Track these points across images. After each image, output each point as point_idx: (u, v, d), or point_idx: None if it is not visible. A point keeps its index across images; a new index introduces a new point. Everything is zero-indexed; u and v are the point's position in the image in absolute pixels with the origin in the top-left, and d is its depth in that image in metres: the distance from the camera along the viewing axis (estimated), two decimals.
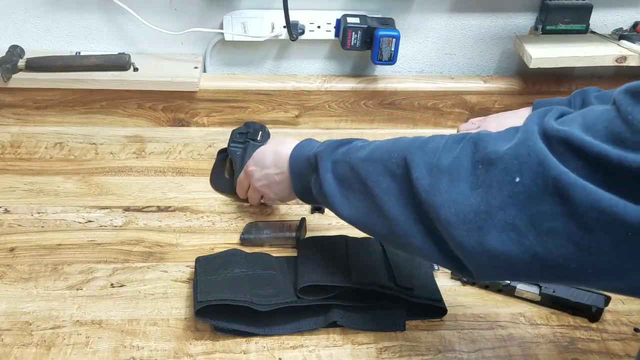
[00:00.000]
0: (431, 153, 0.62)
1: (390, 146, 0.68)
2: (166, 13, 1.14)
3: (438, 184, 0.59)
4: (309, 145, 0.82)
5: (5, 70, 1.08)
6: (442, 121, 1.23)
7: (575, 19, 1.16)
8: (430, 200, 0.59)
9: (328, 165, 0.74)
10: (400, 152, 0.66)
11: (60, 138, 1.15)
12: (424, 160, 0.62)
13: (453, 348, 0.79)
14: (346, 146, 0.75)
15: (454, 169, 0.59)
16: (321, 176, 0.74)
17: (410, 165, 0.63)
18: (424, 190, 0.60)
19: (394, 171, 0.65)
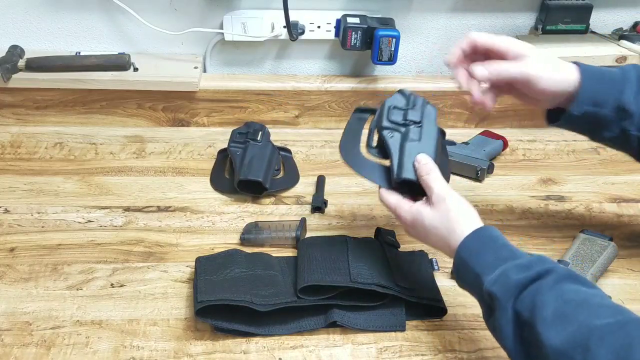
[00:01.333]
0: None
1: (580, 327, 0.59)
2: (166, 13, 1.14)
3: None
4: (478, 257, 0.70)
5: (5, 70, 1.08)
6: (442, 121, 1.23)
7: (575, 19, 1.16)
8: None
9: (509, 314, 0.64)
10: (585, 338, 0.57)
11: (60, 138, 1.15)
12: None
13: (453, 348, 0.79)
14: (530, 289, 0.64)
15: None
16: (501, 327, 0.65)
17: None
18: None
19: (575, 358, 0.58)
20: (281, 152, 1.12)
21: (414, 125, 0.82)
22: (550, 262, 0.67)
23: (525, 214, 1.02)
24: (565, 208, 1.04)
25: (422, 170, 0.79)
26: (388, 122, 0.83)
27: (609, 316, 0.59)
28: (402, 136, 0.82)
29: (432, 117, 0.84)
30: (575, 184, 1.09)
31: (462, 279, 0.73)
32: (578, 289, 0.63)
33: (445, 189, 0.77)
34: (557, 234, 0.98)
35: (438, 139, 0.83)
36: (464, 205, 0.76)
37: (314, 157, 1.14)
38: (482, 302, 0.69)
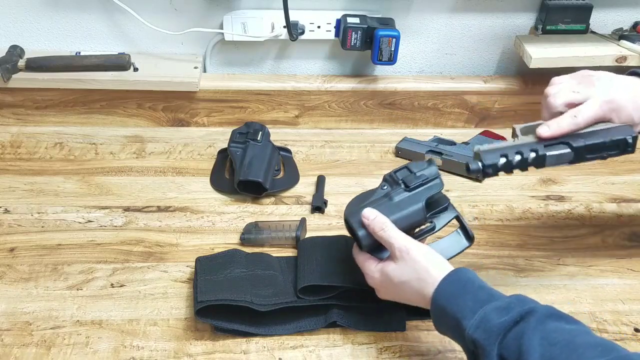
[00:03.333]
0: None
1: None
2: (166, 13, 1.14)
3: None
4: (457, 301, 0.68)
5: (5, 70, 1.08)
6: (442, 121, 1.23)
7: (575, 19, 1.16)
8: None
9: (494, 358, 0.63)
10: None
11: (60, 138, 1.15)
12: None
13: (453, 348, 0.79)
14: (514, 333, 0.63)
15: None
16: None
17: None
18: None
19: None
20: (281, 152, 1.12)
21: (403, 187, 0.79)
22: (530, 301, 0.67)
23: (525, 214, 1.02)
24: (565, 208, 1.04)
25: (375, 227, 0.75)
26: (389, 175, 0.82)
27: (598, 355, 0.58)
28: (387, 192, 0.80)
29: (430, 191, 0.79)
30: (575, 184, 1.09)
31: (442, 326, 0.71)
32: (561, 328, 0.62)
33: (406, 241, 0.74)
34: (557, 234, 0.98)
35: (417, 212, 0.78)
36: (430, 253, 0.74)
37: (314, 157, 1.14)
38: (465, 349, 0.68)
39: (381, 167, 1.11)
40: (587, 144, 0.77)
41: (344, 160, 1.13)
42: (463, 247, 0.80)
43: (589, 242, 0.97)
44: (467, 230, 0.80)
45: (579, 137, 0.77)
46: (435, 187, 0.79)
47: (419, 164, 0.81)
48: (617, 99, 0.76)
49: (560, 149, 0.77)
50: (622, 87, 0.77)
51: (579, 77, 0.80)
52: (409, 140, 1.16)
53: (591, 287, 0.89)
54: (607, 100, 0.76)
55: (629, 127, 0.78)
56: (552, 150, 0.77)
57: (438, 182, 0.79)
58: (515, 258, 0.93)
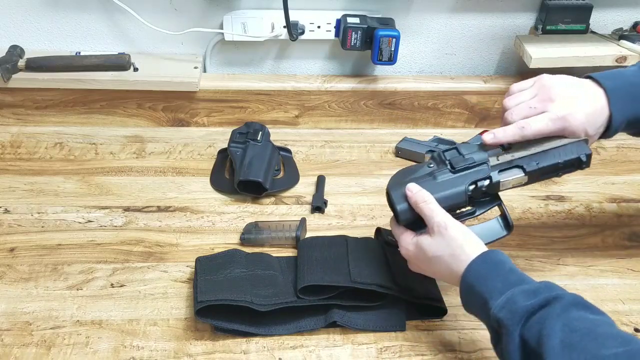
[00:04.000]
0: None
1: (588, 357, 0.59)
2: (166, 13, 1.14)
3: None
4: (486, 282, 0.69)
5: (5, 70, 1.08)
6: (442, 121, 1.23)
7: (575, 19, 1.16)
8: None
9: (516, 341, 0.64)
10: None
11: (60, 138, 1.15)
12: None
13: (453, 348, 0.79)
14: (538, 317, 0.64)
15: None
16: (509, 354, 0.65)
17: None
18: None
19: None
20: (281, 152, 1.12)
21: (449, 168, 0.79)
22: (558, 288, 0.67)
23: (525, 214, 1.02)
24: (565, 208, 1.04)
25: (418, 199, 0.76)
26: (438, 154, 0.81)
27: (617, 346, 0.58)
28: (432, 170, 0.80)
29: (476, 175, 0.78)
30: (575, 184, 1.09)
31: (469, 304, 0.72)
32: (585, 317, 0.63)
33: (446, 217, 0.75)
34: (557, 234, 0.98)
35: (459, 195, 0.77)
36: (467, 232, 0.74)
37: (314, 157, 1.14)
38: (489, 328, 0.69)
39: (381, 167, 1.11)
40: (541, 166, 0.78)
41: (344, 160, 1.13)
42: (500, 235, 0.80)
43: (589, 242, 0.97)
44: (507, 219, 0.80)
45: (532, 158, 0.78)
46: (482, 172, 0.79)
47: (469, 146, 0.81)
48: (573, 115, 0.76)
49: (514, 173, 0.78)
50: (580, 101, 0.77)
51: (538, 89, 0.79)
52: (409, 140, 1.16)
53: (591, 287, 0.89)
54: (561, 117, 0.76)
55: (583, 144, 0.78)
56: (505, 175, 0.78)
57: (485, 168, 0.79)
58: (515, 258, 0.93)
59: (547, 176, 0.79)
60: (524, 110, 0.78)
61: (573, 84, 0.79)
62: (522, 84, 0.82)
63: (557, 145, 0.78)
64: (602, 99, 0.77)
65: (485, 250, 0.72)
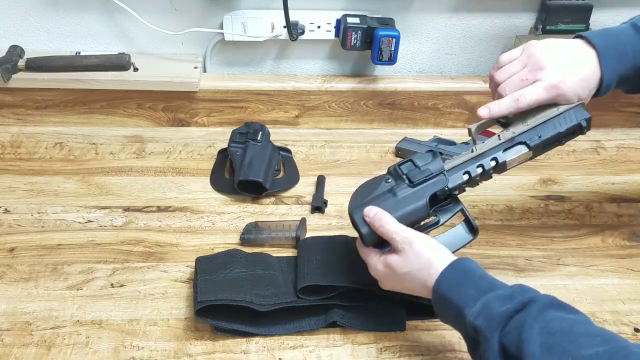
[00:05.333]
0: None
1: (569, 359, 0.59)
2: (166, 13, 1.14)
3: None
4: (459, 290, 0.69)
5: (5, 70, 1.08)
6: (442, 121, 1.23)
7: (575, 19, 1.16)
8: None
9: (495, 348, 0.63)
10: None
11: (60, 138, 1.15)
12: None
13: (453, 348, 0.79)
14: (515, 321, 0.63)
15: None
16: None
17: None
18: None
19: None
20: (281, 152, 1.12)
21: (407, 182, 0.79)
22: (531, 290, 0.67)
23: (525, 214, 1.02)
24: (565, 208, 1.04)
25: (375, 223, 0.75)
26: (394, 168, 0.81)
27: (596, 345, 0.58)
28: (391, 187, 0.79)
29: (434, 187, 0.78)
30: (575, 184, 1.09)
31: (444, 314, 0.71)
32: (561, 317, 0.63)
33: (408, 233, 0.74)
34: (557, 234, 0.98)
35: (421, 209, 0.77)
36: (433, 244, 0.74)
37: (314, 157, 1.14)
38: (466, 336, 0.68)
39: (381, 167, 1.11)
40: (544, 139, 0.77)
41: (344, 160, 1.13)
42: (467, 241, 0.80)
43: (589, 242, 0.97)
44: (471, 223, 0.80)
45: (533, 132, 0.77)
46: (440, 182, 0.78)
47: (424, 157, 0.81)
48: (565, 82, 0.76)
49: (519, 150, 0.78)
50: (571, 66, 0.76)
51: (527, 57, 0.78)
52: (409, 140, 1.16)
53: (591, 287, 0.89)
54: (554, 85, 0.75)
55: (580, 108, 0.78)
56: (510, 154, 0.78)
57: (442, 177, 0.79)
58: (515, 258, 0.93)
59: (550, 147, 0.79)
60: (516, 83, 0.77)
61: (562, 48, 0.78)
62: (510, 53, 0.80)
63: (555, 114, 0.78)
64: (593, 60, 0.77)
65: (454, 259, 0.72)
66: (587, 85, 0.77)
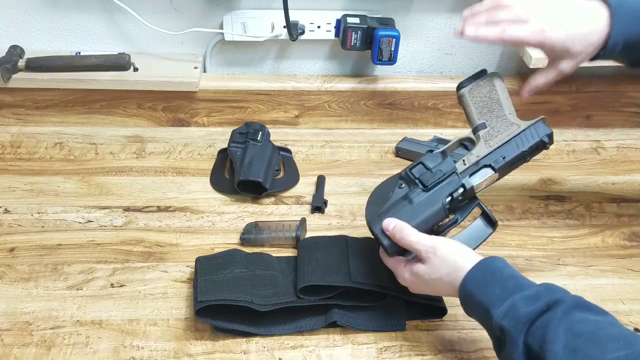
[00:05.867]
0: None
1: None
2: (166, 13, 1.14)
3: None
4: (486, 290, 0.69)
5: (5, 70, 1.08)
6: (442, 121, 1.23)
7: None
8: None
9: (520, 348, 0.64)
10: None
11: (60, 138, 1.15)
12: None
13: (453, 348, 0.79)
14: (540, 322, 0.64)
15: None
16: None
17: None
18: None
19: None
20: (281, 152, 1.12)
21: (421, 187, 0.79)
22: (558, 290, 0.67)
23: (525, 214, 1.02)
24: (565, 208, 1.04)
25: (396, 235, 0.76)
26: (405, 173, 0.81)
27: (619, 349, 0.58)
28: (405, 193, 0.80)
29: (448, 188, 0.78)
30: (575, 184, 1.09)
31: (471, 312, 0.72)
32: (587, 319, 0.63)
33: (430, 241, 0.74)
34: (557, 234, 0.98)
35: (438, 213, 0.78)
36: (457, 247, 0.74)
37: (314, 157, 1.14)
38: (492, 335, 0.69)
39: (381, 167, 1.11)
40: (508, 160, 0.78)
41: (344, 160, 1.13)
42: (487, 235, 0.80)
43: (589, 242, 0.97)
44: (489, 217, 0.80)
45: (497, 153, 0.78)
46: (453, 183, 0.78)
47: (434, 158, 0.81)
48: (553, 31, 0.75)
49: (485, 174, 0.79)
50: (569, 18, 0.76)
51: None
52: (409, 140, 1.16)
53: (591, 287, 0.89)
54: (540, 30, 0.75)
55: (540, 124, 0.78)
56: (477, 178, 0.78)
57: (456, 177, 0.79)
58: (515, 258, 0.93)
59: (516, 165, 0.80)
60: (512, 15, 0.77)
61: (576, 2, 0.77)
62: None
63: (516, 133, 0.78)
64: (602, 17, 0.76)
65: (479, 259, 0.72)
66: (583, 40, 0.76)
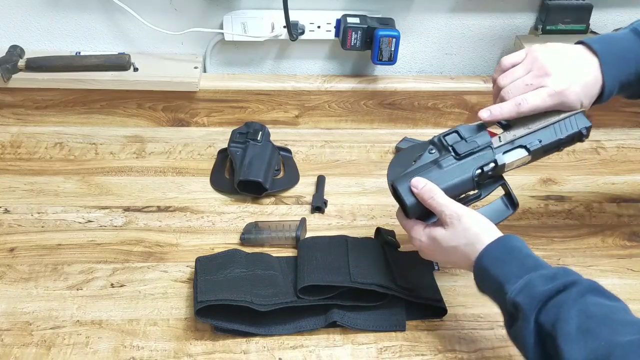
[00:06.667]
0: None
1: (603, 344, 0.59)
2: (166, 13, 1.14)
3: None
4: (503, 266, 0.69)
5: (5, 70, 1.08)
6: (442, 121, 1.23)
7: (575, 19, 1.16)
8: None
9: (531, 325, 0.64)
10: (607, 355, 0.57)
11: (60, 138, 1.15)
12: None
13: (453, 348, 0.79)
14: (555, 301, 0.63)
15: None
16: (524, 338, 0.65)
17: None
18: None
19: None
20: (281, 152, 1.12)
21: (453, 154, 0.78)
22: (575, 274, 0.67)
23: (525, 214, 1.02)
24: (565, 208, 1.04)
25: (425, 195, 0.75)
26: (438, 139, 0.80)
27: (632, 333, 0.58)
28: (436, 157, 0.79)
29: (480, 160, 0.78)
30: (575, 184, 1.09)
31: (483, 287, 0.72)
32: (601, 303, 0.63)
33: (457, 207, 0.74)
34: (557, 234, 0.98)
35: (466, 182, 0.77)
36: (480, 219, 0.74)
37: (314, 157, 1.14)
38: (504, 311, 0.69)
39: (381, 167, 1.11)
40: (544, 144, 0.78)
41: (344, 160, 1.13)
42: (507, 215, 0.80)
43: (589, 242, 0.97)
44: (512, 197, 0.80)
45: (534, 136, 0.78)
46: (487, 156, 0.78)
47: (470, 128, 0.80)
48: (570, 88, 0.76)
49: (518, 154, 0.78)
50: (576, 73, 0.76)
51: (531, 63, 0.78)
52: (409, 140, 1.16)
53: None
54: (559, 92, 0.75)
55: (582, 115, 0.78)
56: (510, 157, 0.78)
57: (490, 152, 0.78)
58: None
59: (549, 152, 0.79)
60: (520, 88, 0.77)
61: (566, 54, 0.78)
62: (513, 57, 0.80)
63: (557, 120, 0.78)
64: (595, 67, 0.77)
65: (500, 235, 0.72)
66: (589, 92, 0.77)
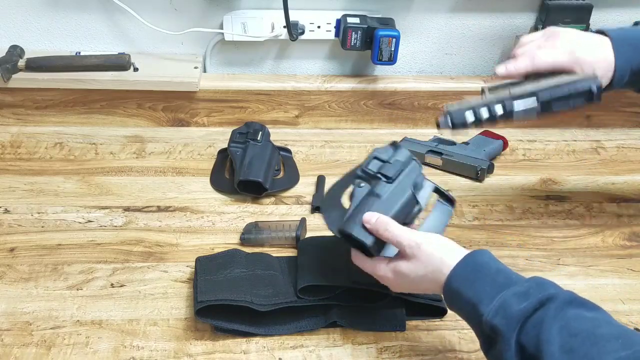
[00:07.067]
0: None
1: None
2: (166, 13, 1.14)
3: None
4: (474, 286, 0.67)
5: (5, 70, 1.08)
6: None
7: (575, 19, 1.16)
8: None
9: (513, 348, 0.61)
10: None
11: (60, 138, 1.15)
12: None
13: (453, 348, 0.79)
14: (533, 320, 0.62)
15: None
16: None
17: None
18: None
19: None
20: (281, 152, 1.12)
21: (385, 180, 0.77)
22: (549, 285, 0.65)
23: (525, 214, 1.02)
24: (565, 208, 1.04)
25: (379, 227, 0.73)
26: (362, 171, 0.79)
27: (619, 349, 0.57)
28: (369, 189, 0.77)
29: (411, 175, 0.78)
30: (575, 184, 1.09)
31: (455, 308, 0.70)
32: (582, 316, 0.61)
33: (415, 236, 0.71)
34: (557, 234, 0.98)
35: (409, 201, 0.76)
36: (441, 241, 0.72)
37: (314, 157, 1.14)
38: (479, 333, 0.66)
39: None
40: (553, 95, 0.78)
41: (344, 160, 1.13)
42: (450, 214, 0.81)
43: (589, 242, 0.97)
44: (447, 196, 0.81)
45: (546, 89, 0.79)
46: (415, 169, 0.78)
47: (386, 150, 0.80)
48: (580, 52, 0.79)
49: (528, 101, 0.79)
50: (587, 44, 0.80)
51: (548, 35, 0.82)
52: (409, 140, 1.16)
53: (591, 287, 0.89)
54: (570, 51, 0.78)
55: (593, 77, 0.79)
56: (519, 101, 0.79)
57: (415, 164, 0.79)
58: (515, 258, 0.93)
59: (557, 109, 0.79)
60: (534, 47, 0.81)
61: (582, 34, 0.82)
62: (531, 35, 0.84)
63: (568, 79, 0.79)
64: (609, 49, 0.79)
65: (466, 253, 0.70)
66: (601, 66, 0.79)
